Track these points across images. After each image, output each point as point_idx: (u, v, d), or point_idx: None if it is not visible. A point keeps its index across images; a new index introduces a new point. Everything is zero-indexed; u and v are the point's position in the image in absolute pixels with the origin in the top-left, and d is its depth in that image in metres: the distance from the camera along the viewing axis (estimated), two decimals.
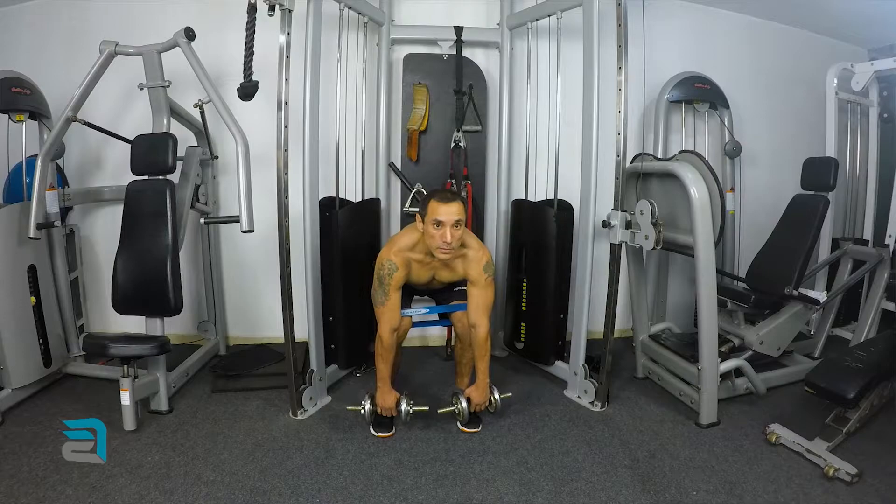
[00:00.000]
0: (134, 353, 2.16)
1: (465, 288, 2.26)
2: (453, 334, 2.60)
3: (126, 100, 2.90)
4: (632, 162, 2.56)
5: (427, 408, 2.25)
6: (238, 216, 2.20)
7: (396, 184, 3.01)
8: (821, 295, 2.57)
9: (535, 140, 2.86)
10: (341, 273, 2.53)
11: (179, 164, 2.53)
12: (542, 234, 2.66)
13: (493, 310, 2.99)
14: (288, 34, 2.10)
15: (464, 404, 2.20)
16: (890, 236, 2.80)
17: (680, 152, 2.48)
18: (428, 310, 2.35)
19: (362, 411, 2.21)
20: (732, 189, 3.21)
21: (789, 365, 2.69)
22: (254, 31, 2.05)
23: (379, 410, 2.19)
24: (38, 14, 2.93)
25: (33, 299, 2.42)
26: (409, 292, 2.34)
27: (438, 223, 2.01)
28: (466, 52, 2.93)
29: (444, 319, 2.45)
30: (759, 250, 2.75)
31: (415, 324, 2.33)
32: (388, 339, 2.15)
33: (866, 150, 3.11)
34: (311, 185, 2.32)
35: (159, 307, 2.32)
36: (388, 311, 2.15)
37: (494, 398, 2.25)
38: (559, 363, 2.72)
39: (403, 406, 2.18)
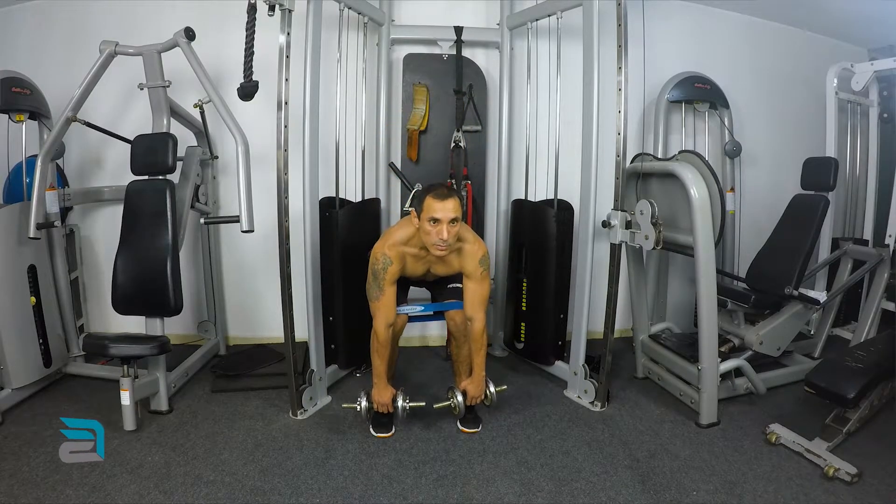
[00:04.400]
0: (134, 353, 2.16)
1: (459, 285, 2.25)
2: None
3: (126, 100, 2.90)
4: (632, 162, 2.56)
5: (423, 404, 2.24)
6: (238, 216, 2.20)
7: (396, 184, 3.01)
8: (821, 295, 2.57)
9: (535, 140, 2.86)
10: (341, 273, 2.53)
11: (179, 164, 2.53)
12: (542, 234, 2.66)
13: (494, 310, 3.03)
14: (288, 34, 2.10)
15: (459, 398, 2.19)
16: (890, 236, 2.80)
17: (680, 152, 2.48)
18: (423, 307, 2.34)
19: (358, 408, 2.20)
20: (732, 189, 3.21)
21: (789, 365, 2.69)
22: (254, 31, 2.05)
23: (375, 406, 2.18)
24: (38, 14, 2.93)
25: (33, 299, 2.42)
26: (405, 284, 2.33)
27: (435, 220, 1.98)
28: (466, 52, 2.93)
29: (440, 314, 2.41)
30: (759, 250, 2.74)
31: (411, 319, 2.31)
32: (384, 334, 2.13)
33: (866, 150, 3.12)
34: (311, 185, 2.32)
35: (159, 307, 2.32)
36: (384, 307, 2.12)
37: (490, 392, 2.24)
38: (559, 363, 2.72)
39: (400, 402, 2.17)
